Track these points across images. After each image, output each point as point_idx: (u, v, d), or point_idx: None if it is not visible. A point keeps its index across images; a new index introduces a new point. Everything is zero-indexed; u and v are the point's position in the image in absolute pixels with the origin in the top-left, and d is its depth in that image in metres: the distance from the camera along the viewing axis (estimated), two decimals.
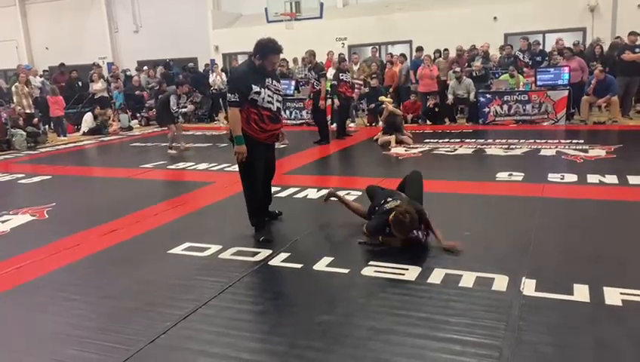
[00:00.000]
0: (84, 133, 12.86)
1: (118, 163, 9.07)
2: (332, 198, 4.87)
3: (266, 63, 4.23)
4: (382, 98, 9.95)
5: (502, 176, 6.28)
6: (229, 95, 4.21)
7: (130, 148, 10.69)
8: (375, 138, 9.30)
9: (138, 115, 14.70)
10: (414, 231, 3.91)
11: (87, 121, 12.94)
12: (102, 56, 20.10)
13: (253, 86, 4.16)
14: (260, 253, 4.04)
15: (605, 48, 12.01)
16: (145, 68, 16.60)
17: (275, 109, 4.33)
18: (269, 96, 4.25)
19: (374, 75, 12.36)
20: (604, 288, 3.14)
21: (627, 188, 5.53)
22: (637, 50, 10.37)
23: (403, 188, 4.54)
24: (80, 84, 14.71)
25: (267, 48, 4.19)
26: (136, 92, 14.80)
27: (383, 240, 3.99)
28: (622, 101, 10.46)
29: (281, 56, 4.71)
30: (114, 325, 3.05)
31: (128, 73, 16.87)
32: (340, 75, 10.22)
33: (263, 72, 4.24)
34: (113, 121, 13.35)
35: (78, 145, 11.53)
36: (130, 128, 13.55)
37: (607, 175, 5.98)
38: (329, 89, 10.18)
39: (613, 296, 3.06)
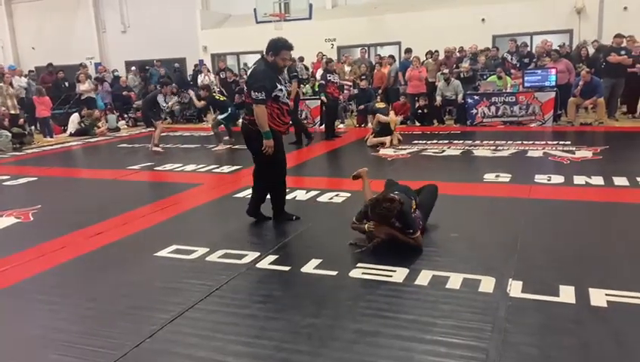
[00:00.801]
0: (70, 134, 12.75)
1: (105, 164, 9.00)
2: (359, 178, 4.94)
3: (278, 60, 4.51)
4: (379, 105, 9.95)
5: (489, 177, 6.32)
6: (255, 93, 4.39)
7: (117, 150, 10.61)
8: (365, 138, 9.31)
9: (126, 115, 14.61)
10: (393, 221, 3.90)
11: (74, 121, 12.83)
12: (89, 57, 19.94)
13: (277, 84, 4.51)
14: (247, 255, 4.02)
15: (591, 50, 12.13)
16: (133, 68, 16.51)
17: (288, 102, 4.78)
18: (284, 91, 4.63)
19: (364, 77, 12.37)
20: (590, 289, 3.17)
21: (613, 189, 5.58)
22: (622, 52, 10.48)
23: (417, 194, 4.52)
24: (67, 84, 14.59)
25: (280, 44, 4.51)
26: (124, 92, 14.70)
27: (369, 228, 3.98)
28: (608, 103, 10.57)
29: None
30: (99, 329, 3.02)
31: (116, 73, 16.75)
32: (328, 75, 10.22)
33: (277, 68, 4.58)
34: (101, 122, 13.24)
35: (64, 146, 11.44)
36: (117, 129, 13.46)
37: (594, 176, 6.04)
38: (310, 90, 10.20)
39: (598, 297, 3.08)
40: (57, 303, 3.41)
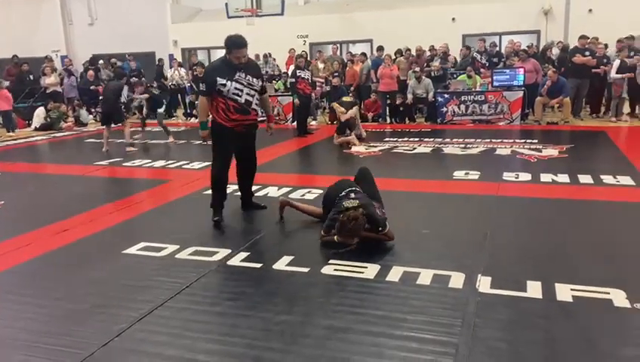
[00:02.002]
0: (35, 129, 12.41)
1: (72, 160, 8.79)
2: (286, 208, 4.79)
3: (231, 57, 4.50)
4: (334, 104, 9.98)
5: (459, 174, 6.40)
6: (200, 84, 4.68)
7: (84, 145, 10.38)
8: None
9: (93, 110, 14.29)
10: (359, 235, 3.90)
11: (39, 116, 12.48)
12: (55, 49, 19.43)
13: (219, 78, 4.48)
14: (218, 252, 3.98)
15: (556, 51, 12.41)
16: (101, 62, 16.14)
17: (242, 101, 4.59)
18: (236, 88, 4.52)
19: (336, 74, 12.39)
20: (556, 284, 3.24)
21: (578, 186, 5.72)
22: (587, 53, 10.75)
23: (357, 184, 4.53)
24: (32, 77, 14.19)
25: (231, 42, 4.49)
26: (91, 87, 14.37)
27: (338, 240, 3.97)
28: (573, 102, 10.83)
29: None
30: (65, 328, 2.95)
31: (87, 67, 16.34)
32: (298, 72, 10.19)
33: (234, 65, 4.51)
34: (69, 117, 12.91)
35: (29, 141, 11.12)
36: (84, 124, 13.15)
37: (560, 174, 6.18)
38: (282, 86, 10.14)
39: (564, 292, 3.15)
40: (21, 303, 3.31)
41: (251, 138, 4.89)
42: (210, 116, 4.74)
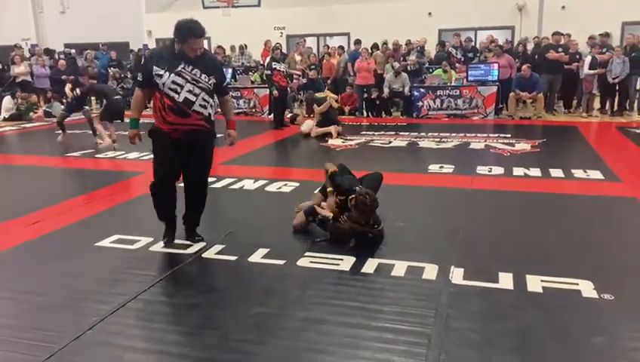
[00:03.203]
0: (4, 119, 12.10)
1: (43, 151, 8.59)
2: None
3: (185, 48, 3.59)
4: (327, 93, 9.98)
5: (433, 168, 6.47)
6: (138, 74, 3.84)
7: (55, 136, 10.13)
8: (303, 129, 9.24)
9: (64, 100, 13.98)
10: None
11: (7, 105, 12.16)
12: (25, 38, 18.91)
13: (155, 67, 3.59)
14: (192, 245, 3.94)
15: (530, 47, 12.59)
16: (73, 51, 15.82)
17: (180, 100, 3.59)
18: (174, 83, 3.58)
19: (313, 67, 12.35)
20: (527, 276, 3.31)
21: (549, 180, 5.84)
22: (560, 49, 10.94)
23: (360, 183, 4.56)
24: (0, 66, 13.81)
25: (186, 30, 3.58)
26: (62, 77, 14.05)
27: (343, 222, 3.96)
28: (546, 98, 11.03)
29: (219, 43, 4.48)
30: (36, 322, 2.89)
31: (62, 57, 15.96)
32: (274, 64, 10.14)
33: (181, 56, 3.62)
34: (40, 108, 12.59)
35: None
36: (54, 116, 12.85)
37: (532, 168, 6.29)
38: (258, 78, 10.04)
39: (534, 283, 3.23)
40: None
41: (199, 151, 3.79)
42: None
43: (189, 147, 3.71)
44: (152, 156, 3.87)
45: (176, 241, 4.02)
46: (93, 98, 12.58)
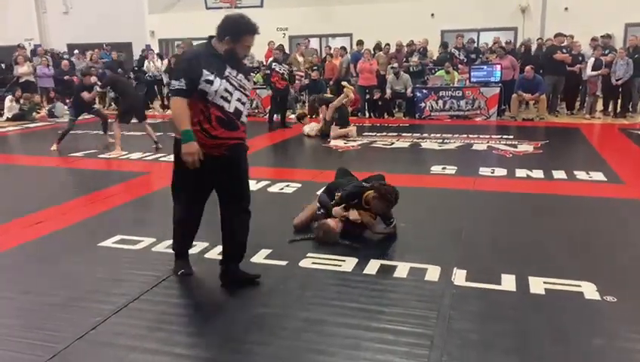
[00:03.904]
0: (7, 119, 12.12)
1: (46, 151, 8.60)
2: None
3: (238, 48, 3.11)
4: (344, 84, 9.96)
5: (436, 169, 6.47)
6: (173, 82, 3.08)
7: (58, 136, 10.16)
8: (307, 131, 9.25)
9: (67, 100, 14.02)
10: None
11: (9, 105, 12.17)
12: (28, 38, 18.96)
13: (205, 71, 3.03)
14: (195, 245, 3.93)
15: (534, 48, 12.57)
16: (76, 51, 15.86)
17: (230, 110, 3.10)
18: (225, 90, 3.08)
19: (315, 68, 12.36)
20: (529, 278, 3.31)
21: (552, 182, 5.83)
22: (563, 50, 10.92)
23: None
24: (3, 66, 13.85)
25: (244, 26, 3.09)
26: (66, 77, 14.09)
27: (353, 216, 4.04)
28: (549, 99, 11.01)
29: None
30: (39, 321, 2.91)
31: (66, 57, 16.03)
32: (273, 64, 10.15)
33: (226, 59, 3.13)
34: (43, 108, 12.61)
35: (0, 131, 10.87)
36: (57, 117, 12.87)
37: (534, 169, 6.28)
38: (260, 79, 10.05)
39: (537, 285, 3.22)
40: None
41: (236, 164, 3.22)
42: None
43: (228, 163, 3.18)
44: (154, 158, 3.86)
45: None
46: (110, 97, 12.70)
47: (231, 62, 3.14)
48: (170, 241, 3.98)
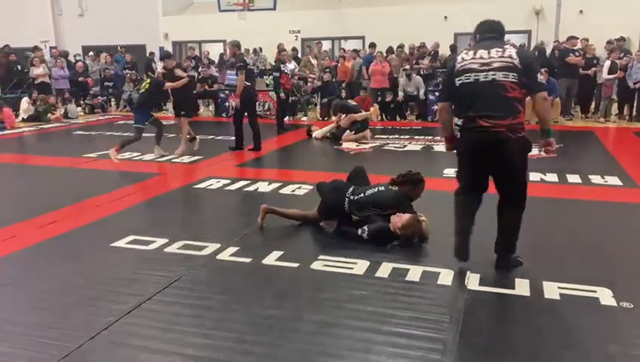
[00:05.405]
0: (23, 120, 12.26)
1: (60, 151, 8.69)
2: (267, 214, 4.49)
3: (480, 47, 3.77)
4: (375, 108, 10.06)
5: (449, 172, 6.41)
6: (539, 77, 3.56)
7: (73, 137, 10.27)
8: (316, 135, 9.25)
9: (82, 102, 14.16)
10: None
11: (26, 107, 12.31)
12: (44, 40, 19.16)
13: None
14: (207, 246, 3.96)
15: (548, 51, 12.47)
16: (91, 53, 16.01)
17: None
18: None
19: (327, 70, 12.37)
20: (544, 282, 3.27)
21: (566, 186, 5.77)
22: (576, 53, 10.82)
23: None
24: (19, 67, 13.99)
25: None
26: (80, 78, 14.22)
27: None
28: (563, 102, 10.91)
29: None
30: (52, 321, 2.92)
31: (78, 58, 16.18)
32: (282, 66, 10.15)
33: None
34: (58, 109, 12.73)
35: (15, 132, 10.99)
36: (71, 118, 13.00)
37: (548, 173, 6.22)
38: (272, 82, 10.04)
39: (551, 290, 3.18)
40: (7, 294, 3.28)
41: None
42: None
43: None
44: (167, 159, 3.88)
45: (192, 243, 4.04)
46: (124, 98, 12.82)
47: None
48: (183, 242, 4.02)
